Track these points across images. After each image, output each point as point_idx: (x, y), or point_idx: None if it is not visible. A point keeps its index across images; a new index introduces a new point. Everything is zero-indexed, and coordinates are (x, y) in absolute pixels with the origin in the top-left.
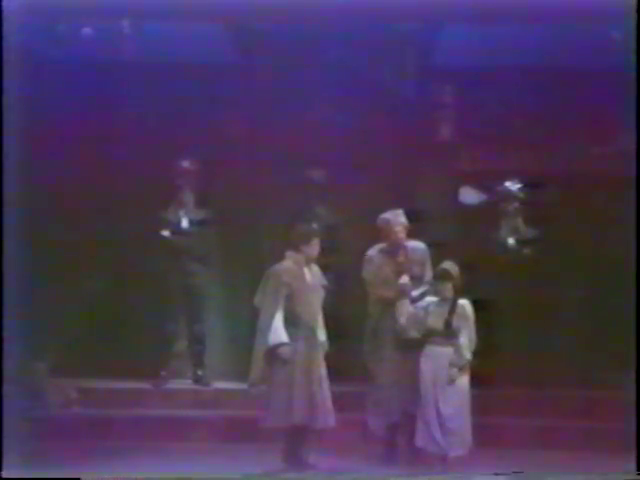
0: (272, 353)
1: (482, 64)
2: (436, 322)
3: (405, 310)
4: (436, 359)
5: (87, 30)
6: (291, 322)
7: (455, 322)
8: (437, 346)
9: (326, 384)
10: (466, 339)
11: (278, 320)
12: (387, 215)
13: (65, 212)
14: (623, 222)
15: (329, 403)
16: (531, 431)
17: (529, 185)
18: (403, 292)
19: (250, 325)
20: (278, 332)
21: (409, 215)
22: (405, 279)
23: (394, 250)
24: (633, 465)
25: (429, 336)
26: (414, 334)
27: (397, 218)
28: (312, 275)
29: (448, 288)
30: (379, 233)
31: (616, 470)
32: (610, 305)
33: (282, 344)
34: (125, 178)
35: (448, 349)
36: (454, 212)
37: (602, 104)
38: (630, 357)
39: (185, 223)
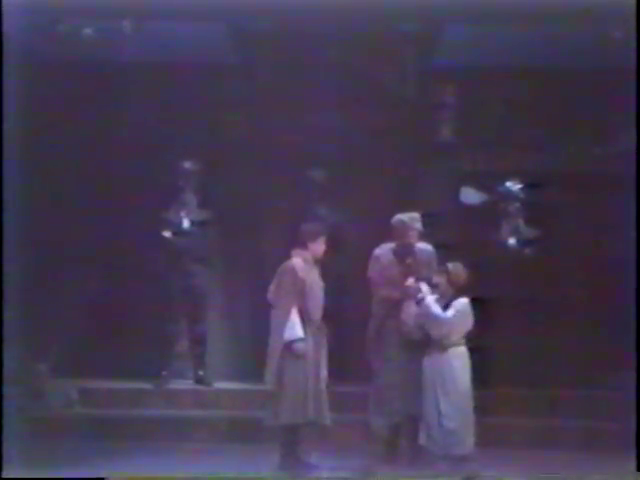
0: (287, 349)
1: (482, 64)
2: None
3: (411, 312)
4: (438, 358)
5: (87, 30)
6: (302, 318)
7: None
8: (443, 347)
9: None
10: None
11: (294, 315)
12: (403, 217)
13: (66, 212)
14: (623, 222)
15: (328, 401)
16: (531, 431)
17: (529, 185)
18: (409, 294)
19: (251, 325)
20: (295, 327)
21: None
22: (411, 281)
23: (403, 251)
24: (633, 465)
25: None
26: (419, 336)
27: (413, 222)
28: (317, 274)
29: (445, 284)
30: (391, 233)
31: (616, 470)
32: (610, 305)
33: (298, 339)
34: (126, 179)
35: (452, 348)
36: (455, 212)
37: (602, 104)
38: (630, 357)
39: (186, 224)
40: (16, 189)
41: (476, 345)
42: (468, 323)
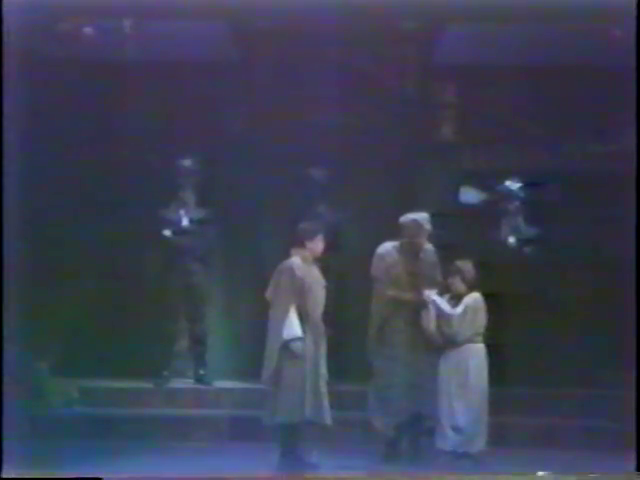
0: (285, 348)
1: (483, 63)
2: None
3: (432, 322)
4: (454, 356)
5: (87, 29)
6: (301, 317)
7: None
8: (457, 344)
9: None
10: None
11: (292, 314)
12: (416, 216)
13: (65, 211)
14: (623, 221)
15: (327, 400)
16: (530, 430)
17: (530, 184)
18: (428, 305)
19: (251, 324)
20: (293, 326)
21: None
22: (431, 293)
23: (412, 250)
24: (633, 465)
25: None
26: (441, 340)
27: (425, 222)
28: (317, 273)
29: (458, 283)
30: (401, 231)
31: (616, 470)
32: (610, 305)
33: (296, 338)
34: (126, 177)
35: (468, 346)
36: (454, 211)
37: (602, 103)
38: (630, 357)
39: (185, 222)
40: (16, 189)
41: None
42: (481, 318)
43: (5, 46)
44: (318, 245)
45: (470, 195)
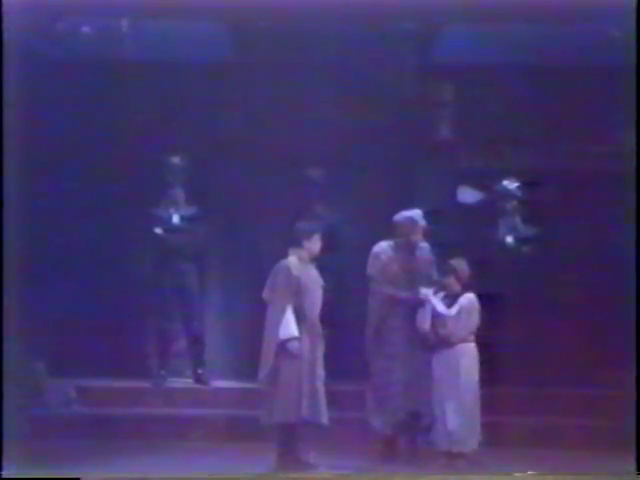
0: (281, 348)
1: (482, 63)
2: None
3: (427, 320)
4: (446, 355)
5: (87, 29)
6: (298, 317)
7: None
8: (450, 344)
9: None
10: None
11: (289, 314)
12: (409, 213)
13: (65, 211)
14: (622, 221)
15: (325, 400)
16: (530, 430)
17: (527, 183)
18: (424, 303)
19: (249, 324)
20: (289, 326)
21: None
22: (427, 292)
23: (407, 248)
24: (633, 465)
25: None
26: (435, 338)
27: (419, 219)
28: (314, 272)
29: (453, 282)
30: (395, 229)
31: (616, 470)
32: (610, 304)
33: (293, 338)
34: (124, 177)
35: (459, 345)
36: (452, 211)
37: (602, 102)
38: (630, 357)
39: (176, 219)
40: (16, 189)
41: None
42: (475, 318)
43: (5, 46)
44: (315, 245)
45: (468, 194)
